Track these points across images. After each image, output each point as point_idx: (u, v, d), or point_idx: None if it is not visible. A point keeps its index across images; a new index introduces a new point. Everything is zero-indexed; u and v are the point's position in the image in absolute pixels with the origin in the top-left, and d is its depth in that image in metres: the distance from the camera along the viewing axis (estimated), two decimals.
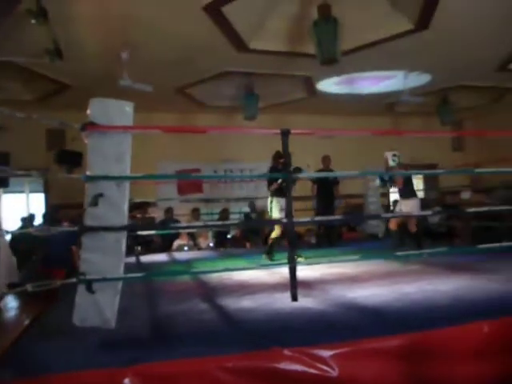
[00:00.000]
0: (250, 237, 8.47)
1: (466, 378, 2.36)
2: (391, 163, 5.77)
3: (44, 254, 5.23)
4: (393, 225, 5.92)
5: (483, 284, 3.52)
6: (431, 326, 2.44)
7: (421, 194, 10.62)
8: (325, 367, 2.18)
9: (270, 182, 5.79)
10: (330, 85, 8.14)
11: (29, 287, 2.46)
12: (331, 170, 7.43)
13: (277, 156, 5.90)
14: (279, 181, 5.58)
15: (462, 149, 11.17)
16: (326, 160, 7.51)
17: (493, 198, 7.12)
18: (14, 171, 3.74)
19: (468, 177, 10.59)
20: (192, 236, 8.24)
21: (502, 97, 9.14)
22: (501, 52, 6.82)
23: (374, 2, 5.29)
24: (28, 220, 7.69)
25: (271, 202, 5.78)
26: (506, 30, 5.94)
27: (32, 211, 8.25)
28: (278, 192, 5.64)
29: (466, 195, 8.19)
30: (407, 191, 5.87)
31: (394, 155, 5.71)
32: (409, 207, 5.75)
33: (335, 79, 7.80)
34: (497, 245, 3.91)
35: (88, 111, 2.64)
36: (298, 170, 5.48)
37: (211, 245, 8.29)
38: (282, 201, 5.63)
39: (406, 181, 5.84)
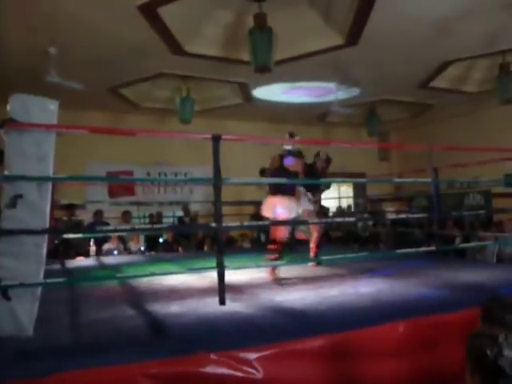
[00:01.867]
0: (181, 241, 8.38)
1: (384, 376, 2.51)
2: (286, 147, 4.63)
3: None
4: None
5: (401, 287, 3.75)
6: (352, 327, 2.56)
7: (349, 202, 11.16)
8: (250, 369, 2.21)
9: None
10: (266, 92, 8.30)
11: None
12: None
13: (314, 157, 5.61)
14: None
15: (388, 159, 11.84)
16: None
17: (413, 207, 7.64)
18: None
19: (393, 185, 11.26)
20: (122, 240, 7.99)
21: (422, 112, 9.82)
22: (423, 70, 7.33)
23: (307, 15, 5.48)
24: None
25: None
26: (428, 51, 6.42)
27: None
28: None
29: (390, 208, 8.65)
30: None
31: (292, 135, 4.61)
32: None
33: (271, 87, 7.97)
34: (413, 250, 4.19)
35: (8, 107, 2.49)
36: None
37: (142, 249, 8.09)
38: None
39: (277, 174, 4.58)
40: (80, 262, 6.80)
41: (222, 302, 3.17)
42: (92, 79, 6.67)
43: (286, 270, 4.91)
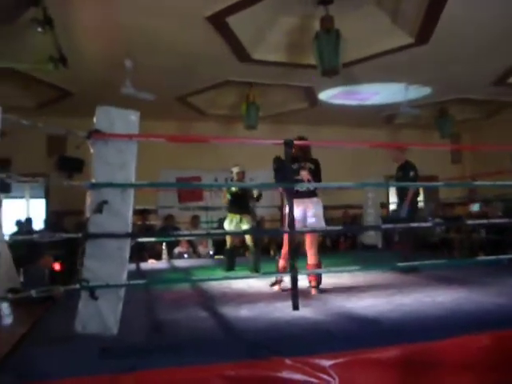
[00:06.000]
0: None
1: None
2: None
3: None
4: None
5: (480, 296, 3.54)
6: (428, 338, 2.46)
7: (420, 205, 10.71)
8: (325, 376, 2.20)
9: None
10: (332, 95, 8.21)
11: (33, 293, 2.46)
12: None
13: None
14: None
15: (460, 161, 11.24)
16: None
17: (495, 211, 7.17)
18: (16, 176, 3.73)
19: (465, 189, 10.65)
20: (192, 244, 8.24)
21: (498, 111, 9.23)
22: (499, 66, 6.90)
23: (374, 15, 5.36)
24: (25, 224, 7.65)
25: None
26: (505, 45, 6.03)
27: (30, 216, 8.24)
28: None
29: (475, 207, 8.04)
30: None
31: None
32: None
33: (337, 90, 7.87)
34: (494, 257, 3.93)
35: (94, 119, 2.67)
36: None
37: (211, 253, 8.29)
38: None
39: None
40: (153, 264, 7.10)
41: (296, 307, 3.15)
42: (161, 89, 6.94)
43: (357, 276, 4.82)
